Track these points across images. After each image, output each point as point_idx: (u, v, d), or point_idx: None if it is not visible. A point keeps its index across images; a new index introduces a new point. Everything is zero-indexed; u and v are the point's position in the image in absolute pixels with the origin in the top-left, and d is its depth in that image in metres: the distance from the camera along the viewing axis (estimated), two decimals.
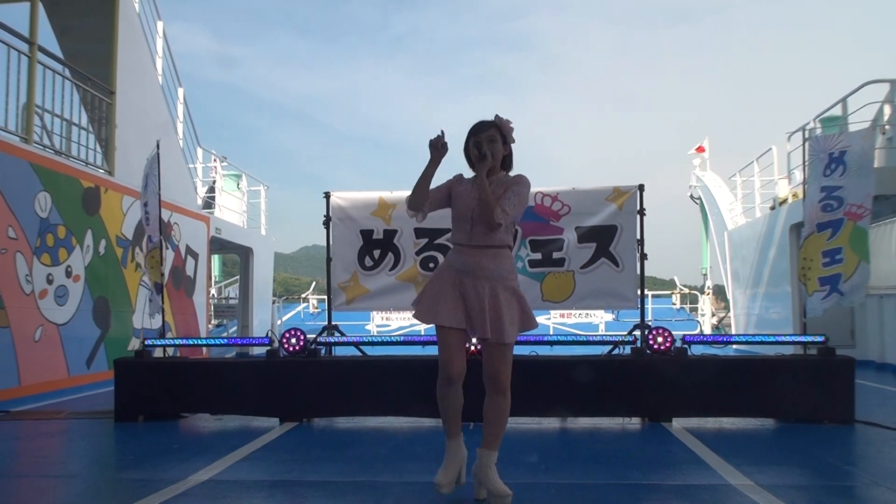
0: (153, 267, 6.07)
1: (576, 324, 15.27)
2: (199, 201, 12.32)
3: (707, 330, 15.76)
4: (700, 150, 17.91)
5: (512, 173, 3.21)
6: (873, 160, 5.10)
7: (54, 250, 7.31)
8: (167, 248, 9.63)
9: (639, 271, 5.76)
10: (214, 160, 13.40)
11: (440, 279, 3.13)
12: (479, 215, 3.03)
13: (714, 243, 16.40)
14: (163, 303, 6.04)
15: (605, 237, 5.79)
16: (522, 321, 3.08)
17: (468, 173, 3.21)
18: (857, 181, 5.00)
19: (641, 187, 5.80)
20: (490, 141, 3.09)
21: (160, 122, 10.20)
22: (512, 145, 3.17)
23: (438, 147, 3.04)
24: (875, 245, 8.27)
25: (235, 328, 14.56)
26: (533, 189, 5.79)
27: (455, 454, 3.14)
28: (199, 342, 6.90)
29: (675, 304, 18.18)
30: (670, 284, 19.65)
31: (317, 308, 18.41)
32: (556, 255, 5.83)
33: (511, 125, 3.13)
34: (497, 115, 3.14)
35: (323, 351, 5.75)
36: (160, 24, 10.87)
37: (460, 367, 3.08)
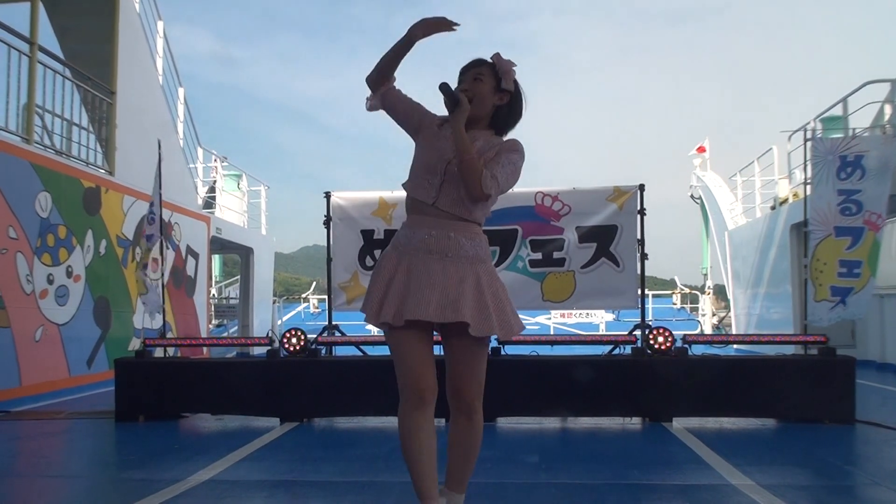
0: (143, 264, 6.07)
1: (576, 324, 15.26)
2: (200, 201, 12.31)
3: (707, 330, 15.75)
4: (701, 150, 17.90)
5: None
6: (892, 166, 4.98)
7: (55, 250, 7.31)
8: (167, 248, 9.63)
9: (639, 271, 5.76)
10: (215, 160, 13.41)
11: (392, 264, 2.37)
12: (455, 176, 2.25)
13: (714, 243, 16.39)
14: (164, 301, 6.03)
15: (606, 237, 5.79)
16: (505, 320, 2.27)
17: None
18: (875, 187, 4.93)
19: (642, 187, 5.80)
20: (475, 80, 2.31)
21: (160, 122, 10.20)
22: (512, 95, 2.35)
23: (422, 27, 2.24)
24: None
25: (236, 328, 14.56)
26: (533, 189, 5.86)
27: None
28: (200, 342, 6.90)
29: (675, 303, 18.15)
30: (671, 284, 19.63)
31: (317, 308, 18.40)
32: (556, 254, 5.83)
33: (513, 66, 2.32)
34: (497, 54, 2.35)
35: (323, 351, 5.74)
36: (160, 24, 10.87)
37: (433, 381, 2.27)
